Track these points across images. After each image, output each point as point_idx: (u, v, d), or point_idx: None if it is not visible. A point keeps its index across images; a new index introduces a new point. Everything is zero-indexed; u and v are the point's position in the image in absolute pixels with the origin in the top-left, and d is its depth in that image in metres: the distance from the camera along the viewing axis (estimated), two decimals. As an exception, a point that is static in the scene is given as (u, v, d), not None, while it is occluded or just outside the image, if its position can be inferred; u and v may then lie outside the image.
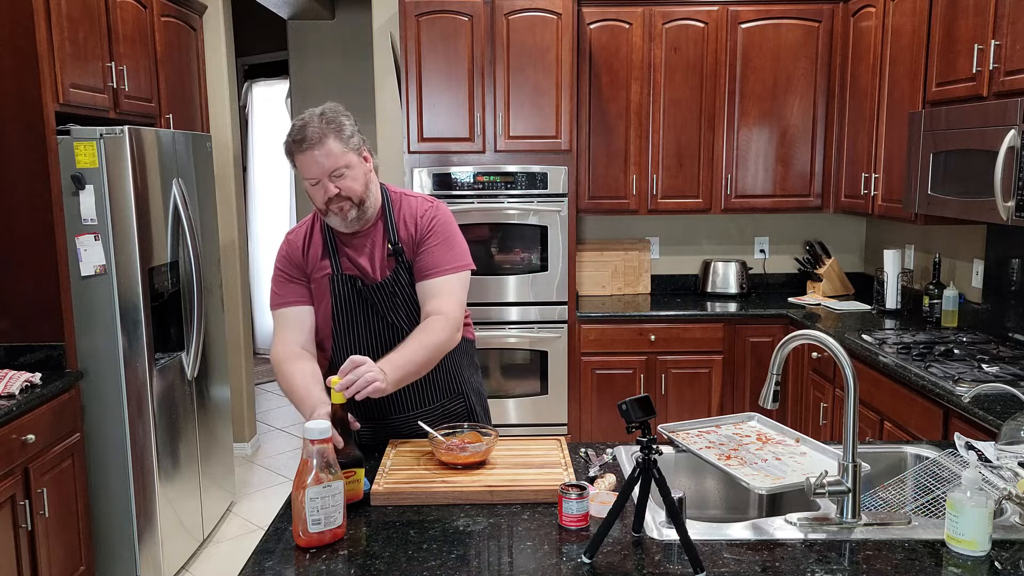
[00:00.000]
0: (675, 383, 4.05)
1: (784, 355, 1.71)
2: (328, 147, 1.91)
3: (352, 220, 1.99)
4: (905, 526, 1.60)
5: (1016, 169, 2.54)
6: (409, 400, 2.12)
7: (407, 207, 2.09)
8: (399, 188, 2.15)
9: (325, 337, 2.11)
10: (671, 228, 4.60)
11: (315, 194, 1.97)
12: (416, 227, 2.06)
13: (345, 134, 1.94)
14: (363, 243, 2.06)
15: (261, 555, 1.53)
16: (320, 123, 1.92)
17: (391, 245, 2.04)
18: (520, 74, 3.89)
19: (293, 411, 5.76)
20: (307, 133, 1.91)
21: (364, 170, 1.99)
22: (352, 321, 2.06)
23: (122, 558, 3.15)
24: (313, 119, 1.93)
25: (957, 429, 2.43)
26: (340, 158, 1.93)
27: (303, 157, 1.93)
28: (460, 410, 2.19)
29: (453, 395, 2.18)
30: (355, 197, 1.96)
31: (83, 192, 2.93)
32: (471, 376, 2.24)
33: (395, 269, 2.05)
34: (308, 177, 1.94)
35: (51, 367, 2.92)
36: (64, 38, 2.90)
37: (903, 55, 3.43)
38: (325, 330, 2.10)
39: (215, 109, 4.49)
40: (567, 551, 1.52)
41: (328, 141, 1.91)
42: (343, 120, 1.95)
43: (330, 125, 1.92)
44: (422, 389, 2.12)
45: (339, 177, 1.94)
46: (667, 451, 1.99)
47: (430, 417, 2.10)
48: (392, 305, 2.05)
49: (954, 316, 3.48)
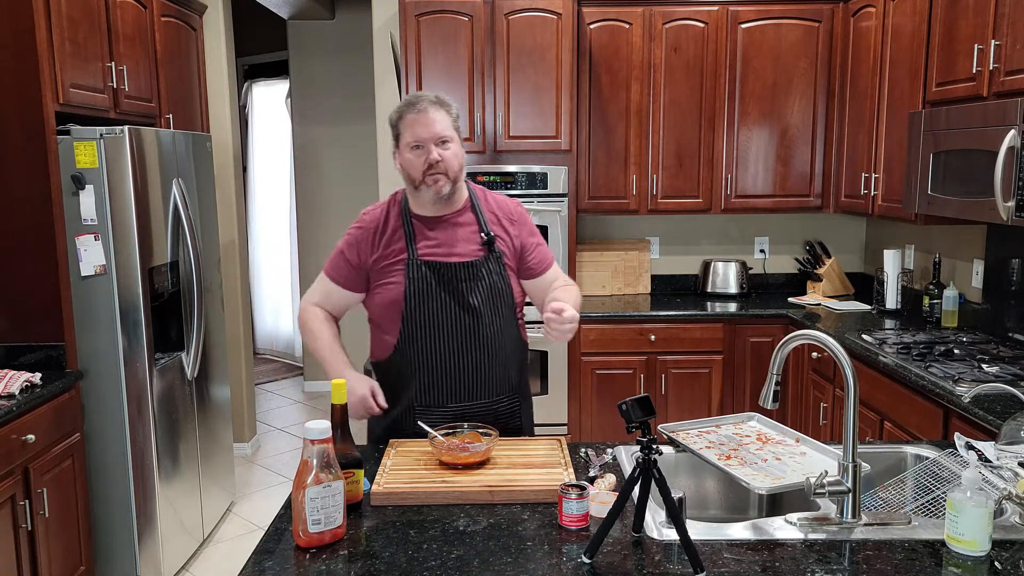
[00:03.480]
0: (675, 383, 4.05)
1: (784, 355, 1.71)
2: (441, 113, 2.06)
3: (443, 196, 2.08)
4: (905, 526, 1.60)
5: (1016, 169, 2.54)
6: (468, 391, 2.14)
7: (493, 202, 2.21)
8: (478, 185, 2.24)
9: (388, 321, 2.13)
10: (671, 228, 4.60)
11: (415, 161, 2.05)
12: (511, 222, 2.19)
13: (453, 114, 2.09)
14: (447, 227, 2.13)
15: (261, 555, 1.53)
16: (434, 96, 2.08)
17: (485, 235, 2.13)
18: (520, 74, 3.89)
19: (293, 411, 5.77)
20: (422, 97, 2.06)
21: (462, 152, 2.11)
22: (427, 305, 2.09)
23: (122, 558, 3.15)
24: (425, 93, 2.10)
25: (957, 429, 2.43)
26: (448, 128, 2.06)
27: (416, 117, 2.04)
28: (512, 408, 2.22)
29: (507, 393, 2.21)
30: (451, 173, 2.06)
31: (83, 192, 2.93)
32: (523, 379, 2.28)
33: (485, 256, 2.12)
34: (416, 139, 2.04)
35: (51, 367, 2.92)
36: (64, 38, 2.90)
37: (903, 55, 3.43)
38: (389, 314, 2.12)
39: (215, 109, 4.49)
40: (567, 551, 1.52)
41: (440, 109, 2.06)
42: (451, 103, 2.11)
43: (442, 101, 2.08)
44: (482, 384, 2.15)
45: (444, 146, 2.04)
46: (667, 451, 1.99)
47: (481, 412, 2.14)
48: (474, 288, 2.10)
49: (954, 316, 3.48)
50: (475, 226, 2.14)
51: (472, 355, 2.12)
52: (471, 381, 2.14)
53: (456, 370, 2.12)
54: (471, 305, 2.10)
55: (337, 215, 6.04)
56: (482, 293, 2.11)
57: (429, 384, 2.12)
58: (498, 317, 2.13)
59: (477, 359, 2.12)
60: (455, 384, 2.13)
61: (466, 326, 2.10)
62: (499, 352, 2.15)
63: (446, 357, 2.11)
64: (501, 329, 2.14)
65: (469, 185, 2.20)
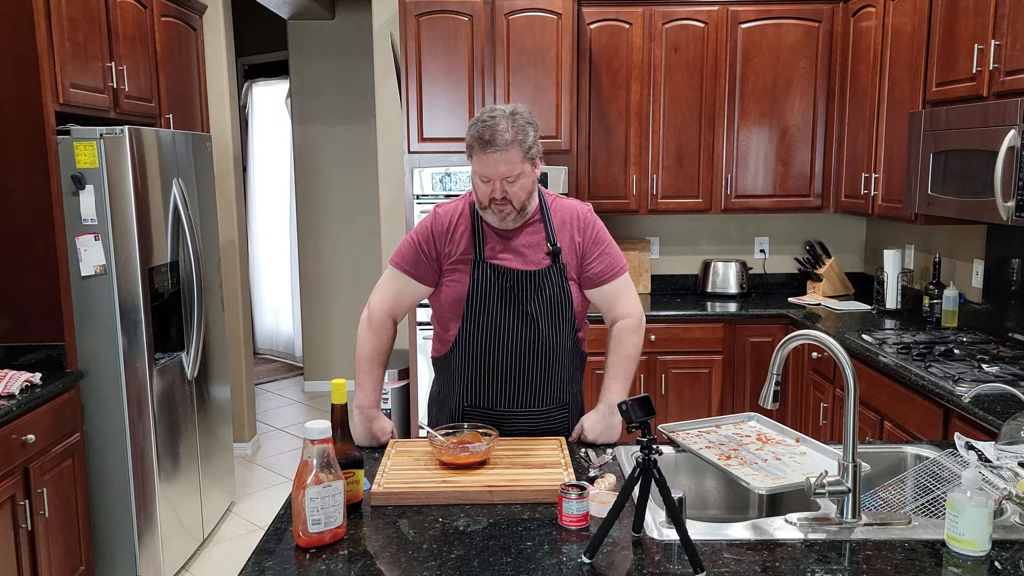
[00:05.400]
0: (675, 383, 4.05)
1: (784, 355, 1.71)
2: (511, 154, 1.95)
3: (508, 222, 2.06)
4: (905, 526, 1.60)
5: (1016, 169, 2.54)
6: (518, 399, 2.15)
7: (563, 210, 2.14)
8: (548, 191, 2.20)
9: (449, 319, 2.14)
10: (671, 228, 4.60)
11: (482, 191, 2.02)
12: (580, 231, 2.12)
13: (527, 144, 1.98)
14: (517, 235, 2.11)
15: (261, 555, 1.53)
16: (510, 127, 1.95)
17: (551, 245, 2.09)
18: (520, 74, 3.89)
19: (293, 411, 5.77)
20: (496, 136, 1.94)
21: (533, 178, 2.05)
22: (487, 307, 2.09)
23: (122, 558, 3.15)
24: (503, 119, 1.96)
25: (957, 429, 2.43)
26: (517, 167, 1.97)
27: (485, 158, 1.97)
28: (561, 420, 2.20)
29: (560, 405, 2.20)
30: (517, 203, 2.02)
31: (83, 192, 2.93)
32: (578, 391, 2.27)
33: (549, 266, 2.09)
34: (482, 176, 1.99)
35: (51, 367, 2.92)
36: (64, 38, 2.90)
37: (903, 55, 3.43)
38: (451, 312, 2.13)
39: (215, 109, 4.49)
40: (567, 551, 1.52)
41: (512, 149, 1.95)
42: (529, 130, 1.99)
43: (518, 134, 1.96)
44: (532, 392, 2.15)
45: (511, 183, 1.99)
46: (667, 451, 1.99)
47: (533, 421, 2.16)
48: (535, 297, 2.09)
49: (954, 316, 3.48)
50: (543, 235, 2.11)
51: (525, 363, 2.12)
52: (521, 389, 2.14)
53: (507, 376, 2.12)
54: (529, 314, 2.09)
55: (337, 215, 6.04)
56: (542, 303, 2.09)
57: (479, 386, 2.13)
58: (555, 329, 2.12)
59: (529, 368, 2.12)
60: (504, 389, 2.13)
61: (522, 334, 2.09)
62: (553, 363, 2.14)
63: (499, 362, 2.11)
64: (558, 341, 2.13)
65: (540, 191, 2.15)
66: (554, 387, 2.17)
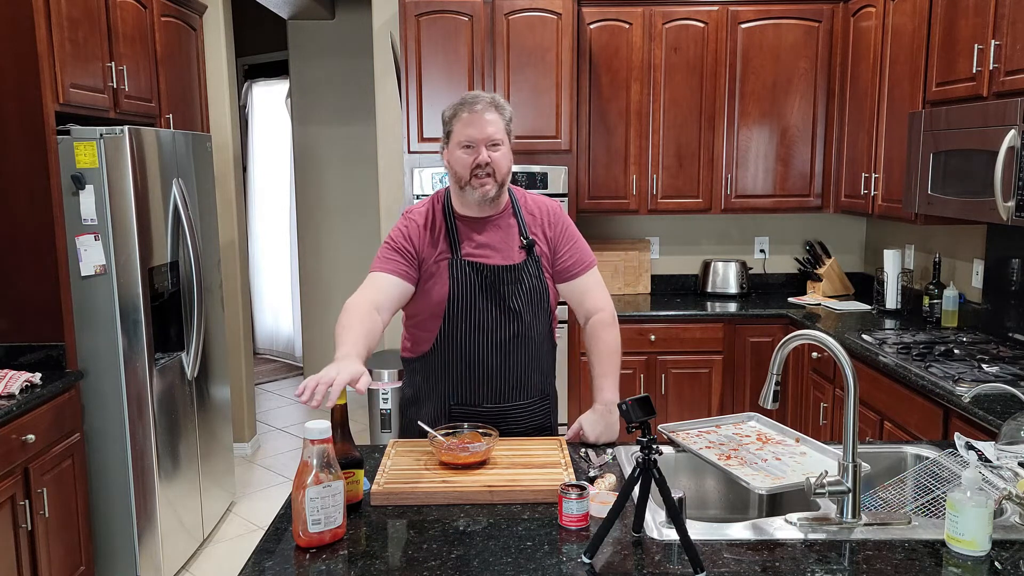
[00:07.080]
0: (675, 383, 4.05)
1: (784, 355, 1.71)
2: (495, 116, 2.05)
3: (488, 198, 2.06)
4: (905, 526, 1.60)
5: (1016, 169, 2.54)
6: (503, 392, 2.15)
7: (532, 204, 2.19)
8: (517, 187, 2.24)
9: (431, 318, 2.13)
10: (671, 228, 4.60)
11: (464, 159, 2.04)
12: (551, 225, 2.17)
13: (507, 115, 2.09)
14: (490, 230, 2.12)
15: (261, 555, 1.53)
16: (490, 98, 2.07)
17: (524, 239, 2.13)
18: (520, 74, 3.89)
19: (293, 411, 5.77)
20: (479, 98, 2.05)
21: (511, 157, 2.11)
22: (470, 304, 2.09)
23: (122, 558, 3.15)
24: (483, 94, 2.09)
25: (957, 429, 2.43)
26: (500, 131, 2.06)
27: (469, 117, 2.03)
28: (542, 412, 2.22)
29: (543, 396, 2.22)
30: (499, 175, 2.06)
31: (83, 192, 2.93)
32: (554, 380, 2.29)
33: (525, 259, 2.12)
34: (467, 139, 2.03)
35: (51, 367, 2.92)
36: (64, 38, 2.90)
37: (903, 55, 3.43)
38: (432, 312, 2.12)
39: (215, 109, 4.49)
40: (567, 551, 1.52)
41: (495, 111, 2.05)
42: (506, 107, 2.10)
43: (498, 104, 2.08)
44: (519, 386, 2.16)
45: (494, 148, 2.04)
46: (667, 451, 1.99)
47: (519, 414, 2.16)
48: (516, 291, 2.11)
49: (954, 316, 3.48)
50: (516, 229, 2.14)
51: (511, 357, 2.13)
52: (510, 383, 2.15)
53: (495, 371, 2.13)
54: (512, 308, 2.10)
55: (337, 215, 6.04)
56: (523, 296, 2.11)
57: (467, 384, 2.13)
58: (537, 321, 2.15)
59: (516, 361, 2.13)
60: (493, 385, 2.14)
61: (507, 328, 2.11)
62: (537, 354, 2.17)
63: (485, 358, 2.11)
64: (540, 332, 2.16)
65: (509, 188, 2.18)
66: (538, 379, 2.19)
